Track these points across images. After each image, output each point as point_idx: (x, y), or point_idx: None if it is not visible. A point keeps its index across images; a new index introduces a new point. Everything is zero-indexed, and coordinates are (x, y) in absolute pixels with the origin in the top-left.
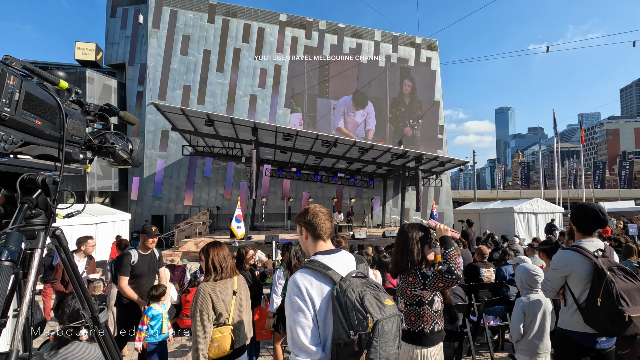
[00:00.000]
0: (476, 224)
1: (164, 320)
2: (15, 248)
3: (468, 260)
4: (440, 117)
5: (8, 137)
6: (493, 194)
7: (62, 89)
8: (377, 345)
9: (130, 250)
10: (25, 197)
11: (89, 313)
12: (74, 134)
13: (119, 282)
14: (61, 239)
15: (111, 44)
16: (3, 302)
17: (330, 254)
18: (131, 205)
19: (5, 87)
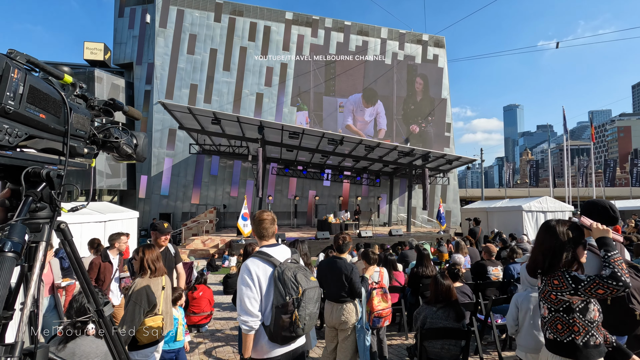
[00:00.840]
0: (484, 223)
1: (179, 326)
2: (19, 240)
3: (475, 258)
4: (447, 115)
5: (12, 131)
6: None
7: (67, 83)
8: (304, 306)
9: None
10: (30, 190)
11: (93, 306)
12: (79, 128)
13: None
14: (66, 233)
15: (119, 44)
16: (6, 293)
17: (272, 247)
18: (139, 203)
19: (10, 80)
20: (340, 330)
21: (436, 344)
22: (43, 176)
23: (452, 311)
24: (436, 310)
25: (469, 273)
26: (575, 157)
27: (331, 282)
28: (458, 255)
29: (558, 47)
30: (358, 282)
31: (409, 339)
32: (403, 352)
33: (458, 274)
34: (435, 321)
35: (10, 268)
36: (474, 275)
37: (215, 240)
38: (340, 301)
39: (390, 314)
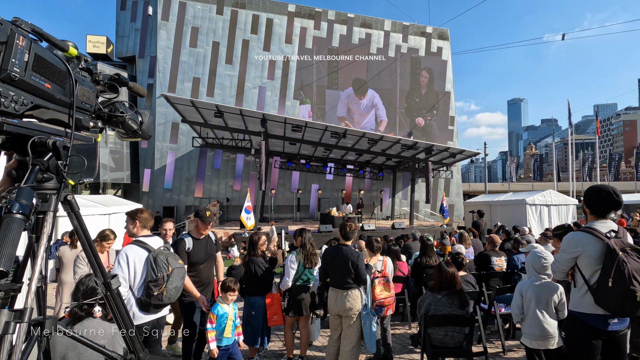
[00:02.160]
0: (487, 216)
1: (229, 321)
2: (27, 202)
3: (478, 250)
4: (451, 108)
5: (18, 98)
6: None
7: (72, 55)
8: (172, 281)
9: (184, 237)
10: (37, 159)
11: (101, 279)
12: (84, 101)
13: None
14: (73, 205)
15: (121, 37)
16: (15, 252)
17: (149, 237)
18: (143, 196)
19: (15, 47)
20: (344, 317)
21: (440, 331)
22: (49, 146)
23: (456, 298)
24: (440, 298)
25: (472, 264)
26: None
27: (336, 269)
28: (459, 246)
29: (564, 39)
30: (364, 269)
31: (413, 329)
32: (406, 341)
33: (462, 262)
34: (439, 308)
35: (18, 228)
36: (478, 266)
37: (218, 233)
38: (345, 288)
39: (393, 303)
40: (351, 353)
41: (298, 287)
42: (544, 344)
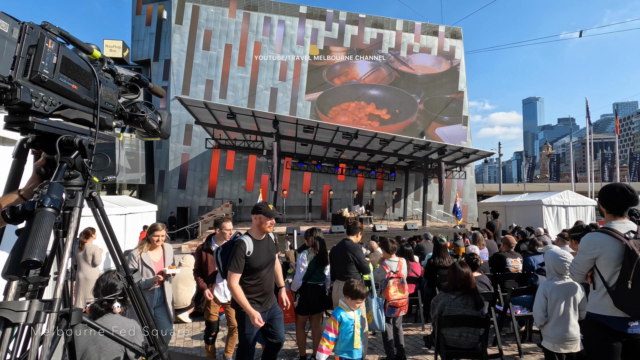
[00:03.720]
0: (502, 218)
1: (356, 329)
2: (57, 197)
3: (493, 251)
4: (464, 108)
5: (47, 99)
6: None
7: (95, 58)
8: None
9: (243, 237)
10: (64, 157)
11: (123, 273)
12: (107, 101)
13: (228, 280)
14: (97, 201)
15: (137, 41)
16: (47, 243)
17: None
18: (157, 197)
19: (44, 50)
20: None
21: (454, 332)
22: (76, 144)
23: (470, 299)
24: (454, 298)
25: (486, 265)
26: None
27: (337, 261)
28: (473, 247)
29: (581, 35)
30: (363, 258)
31: (426, 330)
32: (419, 342)
33: (476, 263)
34: (453, 309)
35: (50, 221)
36: (492, 267)
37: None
38: (346, 278)
39: (406, 305)
40: None
41: (309, 286)
42: (568, 346)
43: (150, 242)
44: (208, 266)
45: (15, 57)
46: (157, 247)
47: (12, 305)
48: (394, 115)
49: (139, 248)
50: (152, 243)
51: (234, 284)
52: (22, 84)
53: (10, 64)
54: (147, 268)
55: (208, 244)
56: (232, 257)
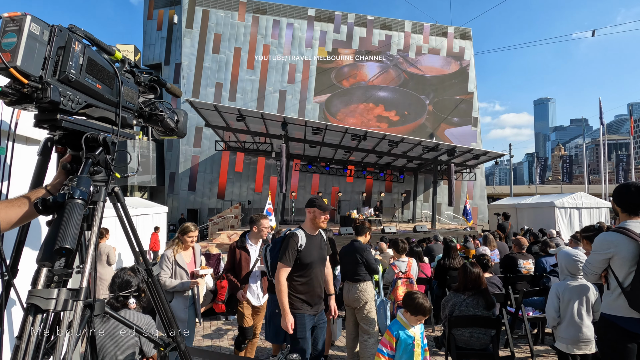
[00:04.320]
0: (513, 220)
1: (416, 348)
2: (86, 189)
3: (504, 253)
4: (474, 109)
5: (74, 97)
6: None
7: (117, 59)
8: None
9: (296, 230)
10: (89, 153)
11: (143, 266)
12: (128, 100)
13: (276, 273)
14: (119, 196)
15: (148, 45)
16: (78, 232)
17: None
18: (168, 199)
19: (72, 51)
20: (357, 309)
21: (465, 332)
22: (100, 141)
23: (481, 299)
24: (465, 298)
25: (497, 267)
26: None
27: (347, 262)
28: (484, 248)
29: (594, 35)
30: (372, 259)
31: (436, 331)
32: (430, 343)
33: (487, 264)
34: (464, 309)
35: (80, 212)
36: (504, 269)
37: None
38: (356, 280)
39: None
40: (368, 344)
41: None
42: (582, 348)
43: (182, 243)
44: (242, 265)
45: (46, 58)
46: (188, 247)
47: (42, 292)
48: (402, 116)
49: (172, 249)
50: (185, 244)
51: (282, 278)
52: (52, 84)
53: (41, 64)
54: (181, 269)
55: (242, 242)
56: (285, 249)
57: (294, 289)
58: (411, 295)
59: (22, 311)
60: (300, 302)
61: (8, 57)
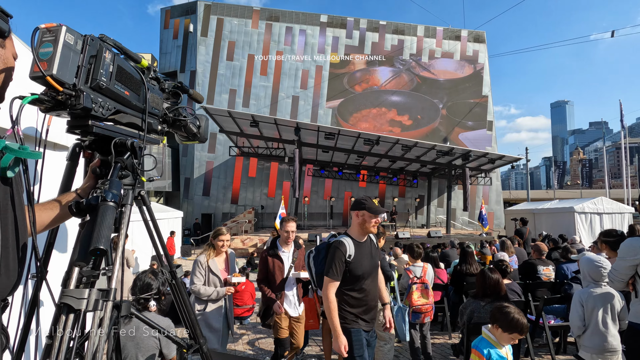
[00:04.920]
0: (531, 225)
1: None
2: (117, 192)
3: (522, 259)
4: (489, 113)
5: (105, 104)
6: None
7: (144, 67)
8: None
9: (341, 238)
10: (118, 157)
11: (167, 268)
12: (154, 107)
13: (323, 288)
14: (145, 199)
15: (165, 54)
16: (111, 234)
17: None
18: (182, 203)
19: (103, 60)
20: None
21: None
22: (128, 146)
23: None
24: (484, 305)
25: (516, 273)
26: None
27: None
28: (502, 254)
29: (613, 36)
30: (386, 265)
31: (453, 339)
32: (447, 351)
33: (506, 270)
34: (483, 316)
35: (112, 214)
36: (523, 275)
37: (253, 240)
38: None
39: (431, 311)
40: (384, 351)
41: None
42: (608, 357)
43: (214, 247)
44: (275, 274)
45: (79, 66)
46: (221, 253)
47: (74, 293)
48: (415, 121)
49: (205, 254)
50: (217, 249)
51: (330, 294)
52: (85, 91)
53: (74, 72)
54: (214, 276)
55: (274, 249)
56: (332, 261)
57: (346, 302)
58: (503, 309)
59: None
60: (353, 317)
61: (45, 66)
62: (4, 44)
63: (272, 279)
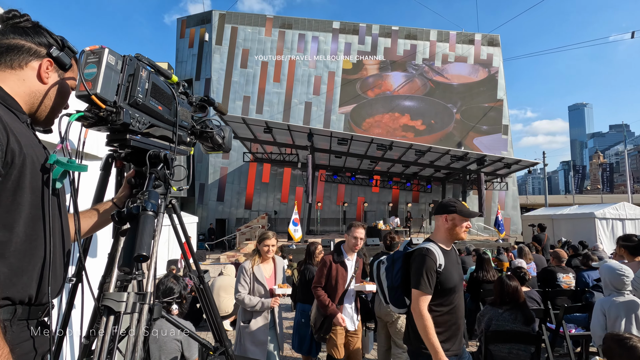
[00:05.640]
0: (549, 231)
1: None
2: (155, 202)
3: (541, 266)
4: (504, 117)
5: (141, 119)
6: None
7: (173, 82)
8: None
9: (428, 245)
10: (153, 168)
11: (196, 273)
12: (183, 120)
13: (414, 304)
14: (176, 208)
15: (180, 62)
16: (151, 241)
17: None
18: (197, 209)
19: (140, 78)
20: (389, 323)
21: (503, 348)
22: (161, 158)
23: (519, 314)
24: (502, 312)
25: (534, 280)
26: None
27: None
28: (520, 260)
29: (634, 37)
30: None
31: (470, 347)
32: None
33: (525, 277)
34: (501, 323)
35: (152, 223)
36: (542, 283)
37: None
38: None
39: None
40: (402, 359)
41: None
42: None
43: (260, 253)
44: (338, 283)
45: (119, 84)
46: (267, 259)
47: (114, 296)
48: (429, 125)
49: (250, 261)
50: (263, 255)
51: (423, 309)
52: (124, 107)
53: (115, 90)
54: (259, 285)
55: (340, 255)
56: (422, 272)
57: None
58: (622, 341)
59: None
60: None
61: (90, 86)
62: (64, 75)
63: (332, 288)
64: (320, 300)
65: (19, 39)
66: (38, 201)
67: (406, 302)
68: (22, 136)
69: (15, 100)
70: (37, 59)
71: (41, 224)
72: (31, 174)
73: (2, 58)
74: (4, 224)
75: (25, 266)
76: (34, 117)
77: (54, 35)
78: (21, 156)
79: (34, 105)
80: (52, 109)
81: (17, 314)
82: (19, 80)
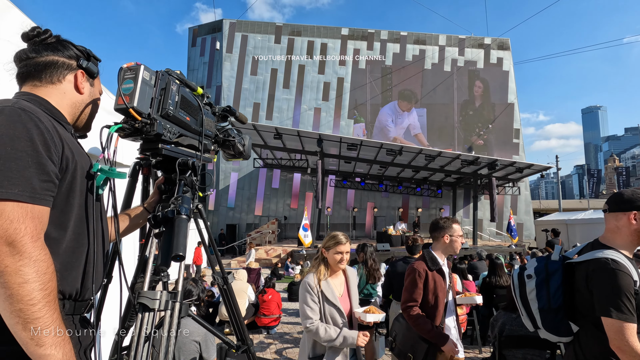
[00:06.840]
0: (563, 237)
1: None
2: (188, 206)
3: None
4: (515, 120)
5: (172, 129)
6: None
7: (199, 94)
8: None
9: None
10: (182, 175)
11: (220, 274)
12: (208, 129)
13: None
14: (202, 212)
15: (192, 70)
16: (186, 242)
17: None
18: (208, 215)
19: (170, 91)
20: None
21: (517, 354)
22: (190, 165)
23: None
24: (516, 317)
25: None
26: None
27: (401, 282)
28: None
29: None
30: None
31: (484, 353)
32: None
33: None
34: (515, 328)
35: (186, 226)
36: None
37: (277, 250)
38: None
39: (464, 322)
40: None
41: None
42: None
43: (326, 264)
44: (438, 297)
45: (152, 98)
46: (338, 271)
47: (149, 294)
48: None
49: (315, 274)
50: (332, 265)
51: (636, 345)
52: (157, 119)
53: (149, 103)
54: (331, 307)
55: (435, 261)
56: (618, 293)
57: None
58: None
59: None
60: None
61: (127, 100)
62: (94, 82)
63: (433, 303)
64: (419, 323)
65: (52, 55)
66: (84, 204)
67: (572, 329)
68: (72, 145)
69: (61, 113)
70: (71, 71)
71: (85, 224)
72: (80, 179)
73: (43, 75)
74: (59, 223)
75: (73, 262)
76: (74, 126)
77: (78, 47)
78: (73, 162)
79: (75, 115)
80: (90, 116)
81: (65, 309)
82: (61, 94)
